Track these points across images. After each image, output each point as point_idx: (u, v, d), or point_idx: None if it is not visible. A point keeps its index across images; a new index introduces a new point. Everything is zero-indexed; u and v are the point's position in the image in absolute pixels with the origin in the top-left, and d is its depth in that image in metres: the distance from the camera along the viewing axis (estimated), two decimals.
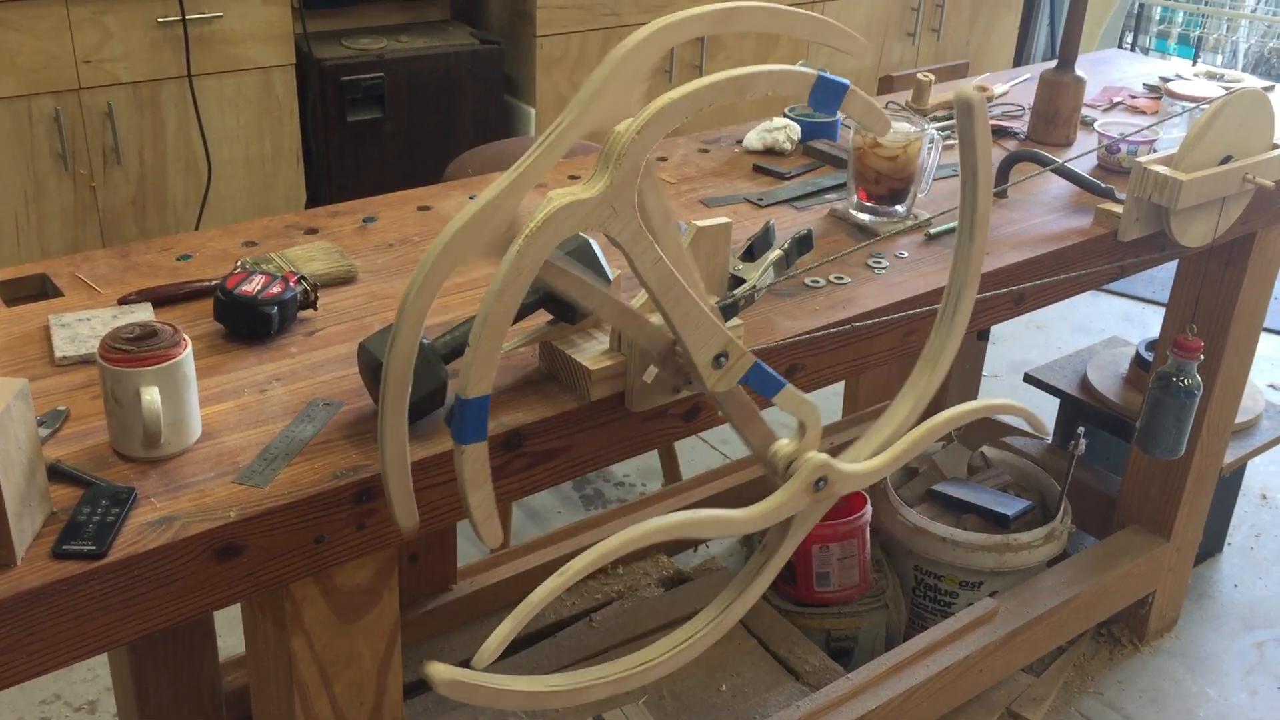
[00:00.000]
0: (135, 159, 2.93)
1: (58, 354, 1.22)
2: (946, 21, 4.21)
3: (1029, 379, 2.59)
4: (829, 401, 2.89)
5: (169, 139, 2.96)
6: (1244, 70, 5.59)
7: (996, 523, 2.23)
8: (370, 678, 1.20)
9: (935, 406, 2.35)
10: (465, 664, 2.00)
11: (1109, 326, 3.62)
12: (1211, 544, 2.60)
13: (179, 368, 1.07)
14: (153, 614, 1.00)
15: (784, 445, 1.16)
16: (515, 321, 1.23)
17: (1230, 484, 2.52)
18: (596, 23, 3.41)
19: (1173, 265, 2.09)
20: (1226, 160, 1.67)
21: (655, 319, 1.16)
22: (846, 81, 1.07)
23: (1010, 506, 2.25)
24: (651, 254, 1.03)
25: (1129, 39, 5.28)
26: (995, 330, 3.35)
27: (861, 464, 1.19)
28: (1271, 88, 2.26)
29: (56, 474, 1.05)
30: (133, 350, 1.06)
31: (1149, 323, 3.64)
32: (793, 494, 1.14)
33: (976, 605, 2.05)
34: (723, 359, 1.10)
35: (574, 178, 1.76)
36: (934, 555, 2.17)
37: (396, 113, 3.21)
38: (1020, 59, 4.65)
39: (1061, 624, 2.12)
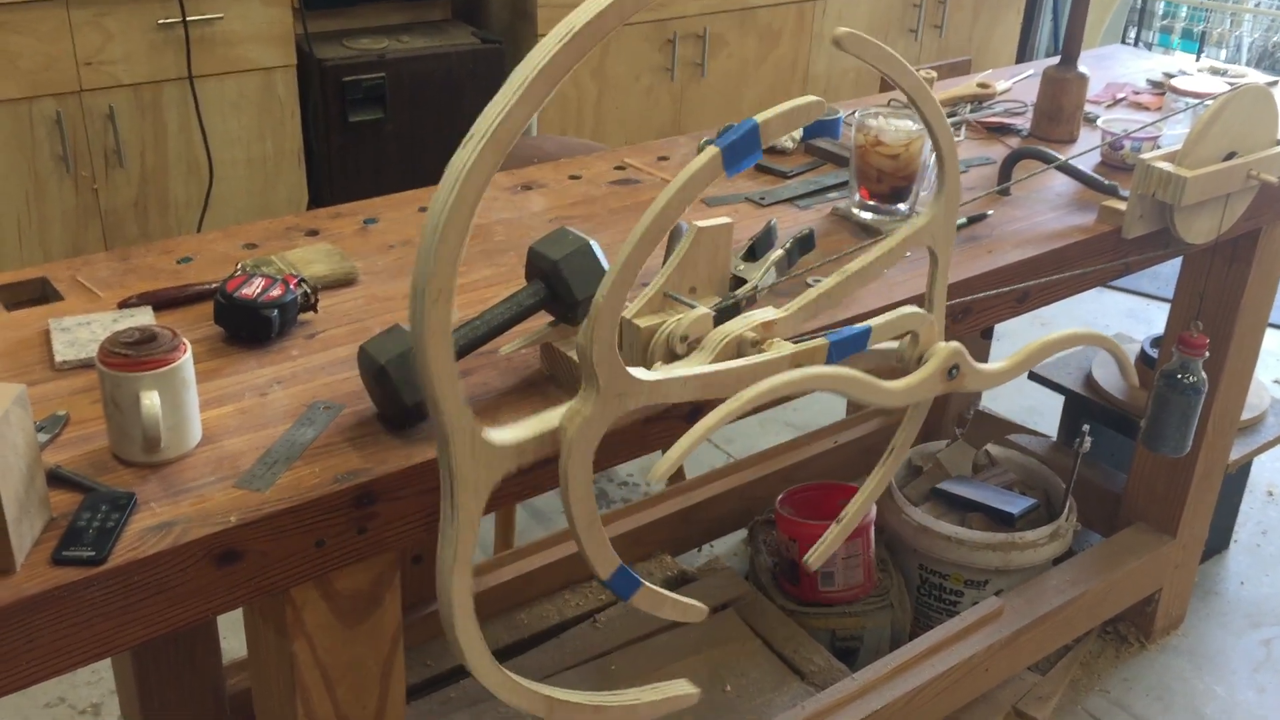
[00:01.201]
0: (137, 161, 2.93)
1: (57, 358, 1.21)
2: (949, 18, 4.20)
3: (1034, 376, 2.59)
4: (832, 401, 2.88)
5: (170, 141, 2.96)
6: (1248, 65, 5.58)
7: (1002, 521, 2.22)
8: (373, 681, 1.19)
9: (940, 401, 2.35)
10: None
11: (1114, 323, 3.61)
12: (1218, 541, 2.59)
13: (178, 372, 1.07)
14: (153, 620, 1.00)
15: (909, 342, 1.28)
16: (517, 323, 1.23)
17: (1236, 481, 2.51)
18: None
19: (1177, 261, 2.08)
20: (1230, 156, 1.67)
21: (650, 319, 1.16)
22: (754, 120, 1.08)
23: (1015, 505, 2.24)
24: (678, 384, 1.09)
25: (1132, 34, 5.26)
26: (1000, 328, 3.34)
27: (990, 365, 1.32)
28: (1275, 83, 2.25)
29: (56, 479, 1.05)
30: (132, 354, 1.05)
31: (1154, 319, 3.63)
32: (931, 374, 1.25)
33: (982, 604, 2.05)
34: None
35: (574, 177, 1.76)
36: (939, 554, 2.16)
37: (398, 113, 3.20)
38: (1023, 55, 4.64)
39: (1067, 622, 2.11)
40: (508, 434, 1.04)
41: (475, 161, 0.92)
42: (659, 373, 1.08)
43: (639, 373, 1.06)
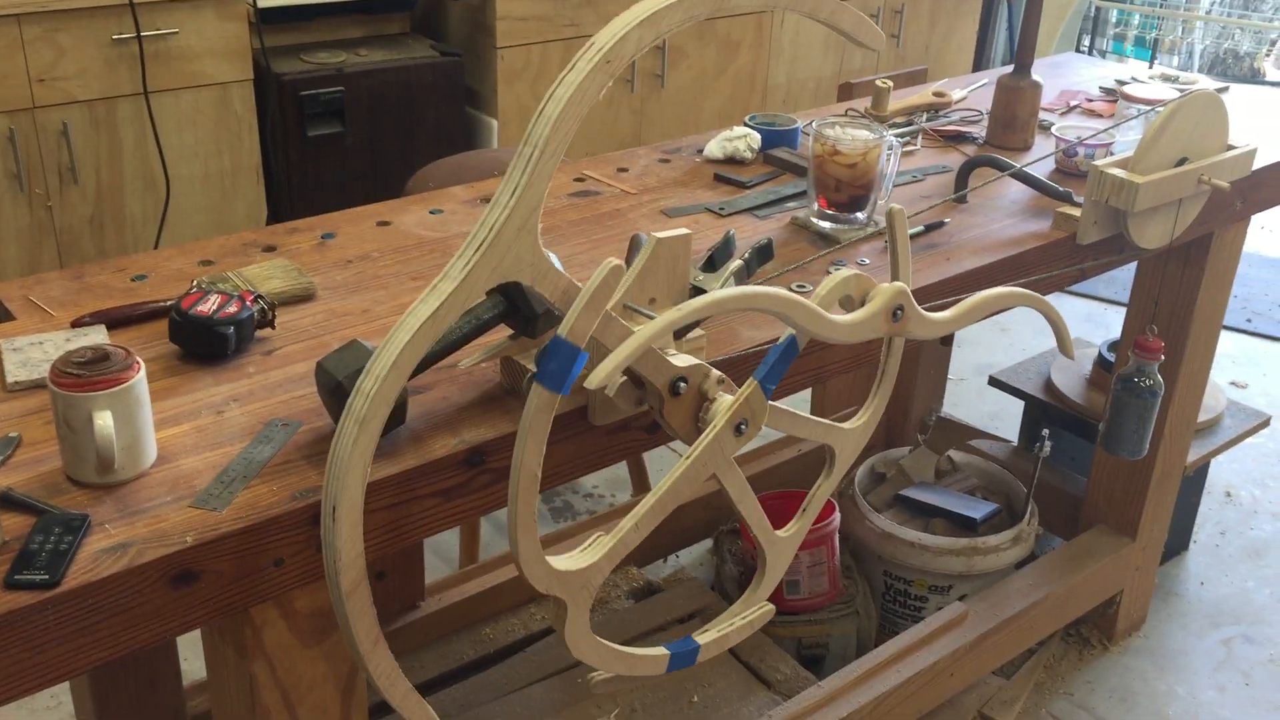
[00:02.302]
0: (92, 178, 2.90)
1: (9, 379, 1.19)
2: (906, 28, 4.24)
3: (994, 382, 2.61)
4: (796, 409, 2.89)
5: (126, 157, 2.93)
6: (1200, 71, 5.67)
7: (964, 526, 2.24)
8: (334, 701, 1.18)
9: (902, 408, 2.36)
10: (434, 682, 1.98)
11: (1072, 327, 3.64)
12: (1177, 542, 2.62)
13: (132, 391, 1.05)
14: (109, 643, 0.98)
15: (861, 276, 1.24)
16: (476, 337, 1.22)
17: (1194, 482, 2.54)
18: (557, 34, 3.41)
19: (1134, 266, 2.10)
20: (1182, 162, 1.69)
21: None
22: None
23: (977, 510, 2.26)
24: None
25: (1086, 42, 5.33)
26: (960, 334, 3.37)
27: (935, 314, 1.28)
28: (1226, 89, 2.29)
29: (8, 502, 1.03)
30: (84, 374, 1.04)
31: (1111, 323, 3.68)
32: (876, 312, 1.22)
33: (946, 609, 2.06)
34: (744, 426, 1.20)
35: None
36: (903, 560, 2.17)
37: (357, 126, 3.19)
38: (980, 64, 4.68)
39: (1031, 626, 2.13)
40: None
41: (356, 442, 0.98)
42: (578, 559, 1.12)
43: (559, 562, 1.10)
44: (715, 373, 1.17)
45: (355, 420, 0.99)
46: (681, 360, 1.15)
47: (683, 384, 1.15)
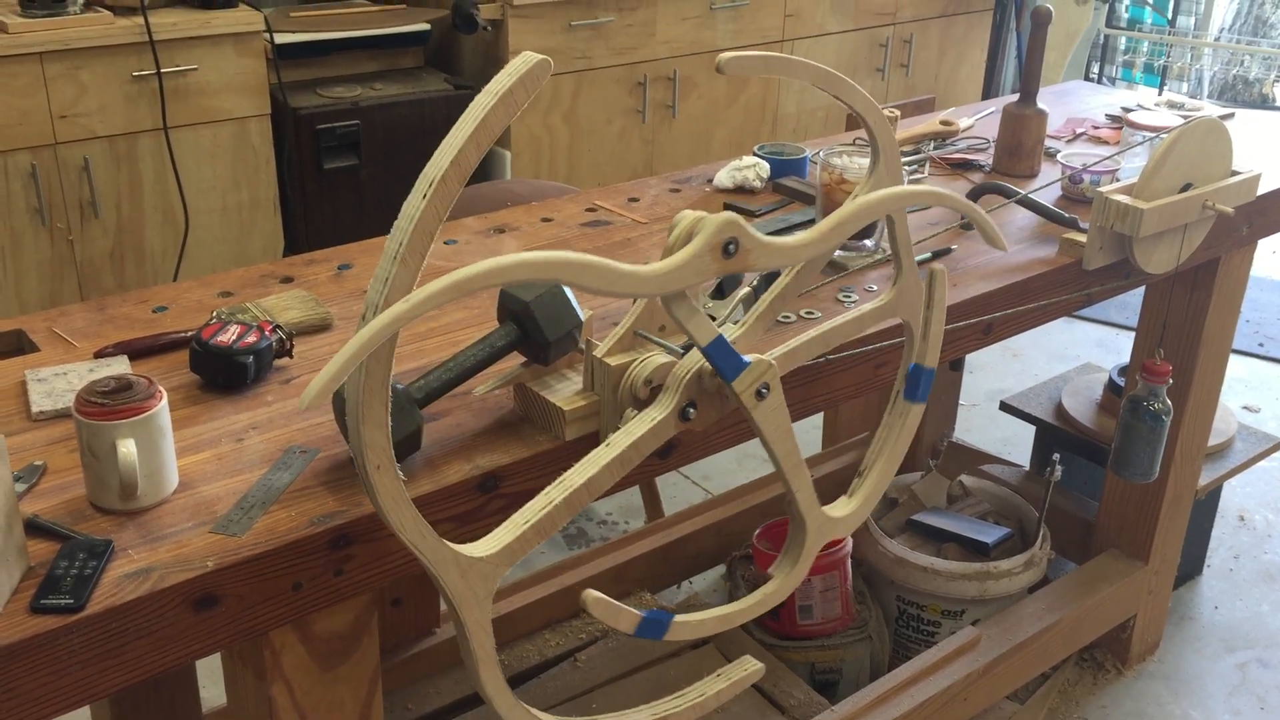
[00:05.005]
0: (112, 212, 2.95)
1: (34, 409, 1.22)
2: (915, 57, 4.27)
3: (1005, 407, 2.62)
4: (808, 434, 2.90)
5: (146, 191, 2.98)
6: (1210, 97, 5.69)
7: (977, 551, 2.24)
8: None
9: (915, 440, 2.37)
10: (449, 708, 2.00)
11: (1084, 353, 3.65)
12: (1191, 567, 2.61)
13: (154, 419, 1.08)
14: (132, 666, 1.01)
15: (694, 212, 1.09)
16: (490, 364, 1.25)
17: (1207, 506, 2.54)
18: (569, 66, 3.45)
19: (1143, 291, 2.12)
20: (1187, 188, 1.71)
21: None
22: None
23: (990, 534, 2.26)
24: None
25: (1095, 69, 5.36)
26: (971, 359, 3.39)
27: (786, 238, 1.11)
28: (1231, 115, 2.31)
29: (34, 528, 1.05)
30: (108, 403, 1.07)
31: (1122, 348, 3.68)
32: (697, 252, 1.03)
33: (959, 634, 2.06)
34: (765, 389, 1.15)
35: (546, 220, 1.78)
36: (915, 585, 2.18)
37: (372, 159, 3.23)
38: (989, 92, 4.71)
39: (1044, 650, 2.13)
40: (492, 543, 1.05)
41: (373, 334, 0.91)
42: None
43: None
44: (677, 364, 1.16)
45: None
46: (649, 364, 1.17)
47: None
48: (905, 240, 1.26)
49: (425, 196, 0.96)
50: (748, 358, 1.14)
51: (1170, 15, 5.36)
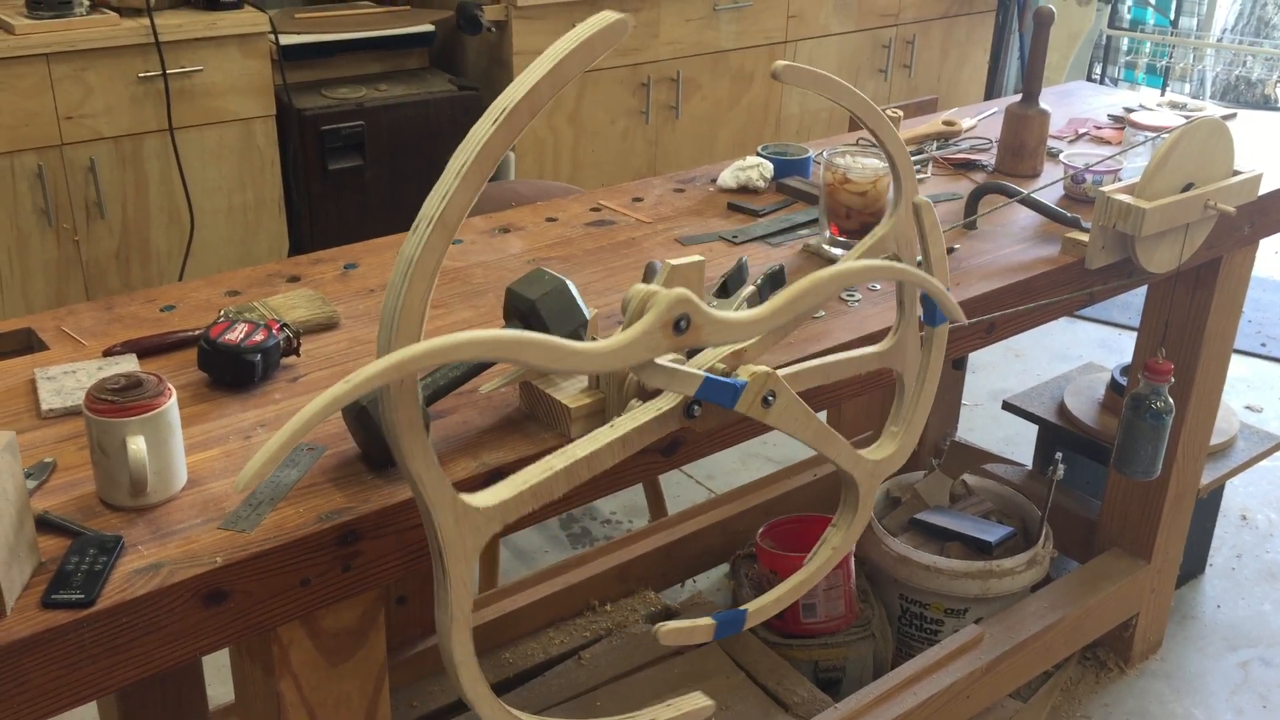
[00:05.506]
0: (118, 212, 2.96)
1: (44, 407, 1.23)
2: (917, 58, 4.28)
3: (1008, 406, 2.63)
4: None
5: (151, 192, 2.99)
6: (1212, 98, 5.69)
7: (979, 550, 2.25)
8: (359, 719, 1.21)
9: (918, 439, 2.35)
10: (453, 706, 2.00)
11: (1086, 353, 3.66)
12: (1193, 565, 2.62)
13: (164, 416, 1.09)
14: (141, 661, 1.01)
15: (645, 286, 1.08)
16: (496, 362, 1.25)
17: (1209, 505, 2.55)
18: None
19: (1145, 291, 2.13)
20: (1188, 188, 1.71)
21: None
22: None
23: (992, 533, 2.27)
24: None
25: (1098, 70, 5.37)
26: (974, 359, 3.39)
27: (737, 314, 1.09)
28: (1233, 115, 2.31)
29: (44, 525, 1.06)
30: (118, 400, 1.08)
31: (1125, 348, 3.69)
32: (647, 330, 1.02)
33: (962, 632, 2.07)
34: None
35: (551, 220, 1.79)
36: (919, 584, 2.19)
37: (377, 160, 3.24)
38: (991, 93, 4.72)
39: (1047, 649, 2.14)
40: (489, 496, 1.05)
41: (425, 246, 0.94)
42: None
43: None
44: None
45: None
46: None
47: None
48: (912, 296, 1.28)
49: (495, 123, 0.96)
50: (741, 379, 1.14)
51: (1172, 16, 5.37)
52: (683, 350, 1.12)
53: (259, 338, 1.29)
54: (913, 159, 2.01)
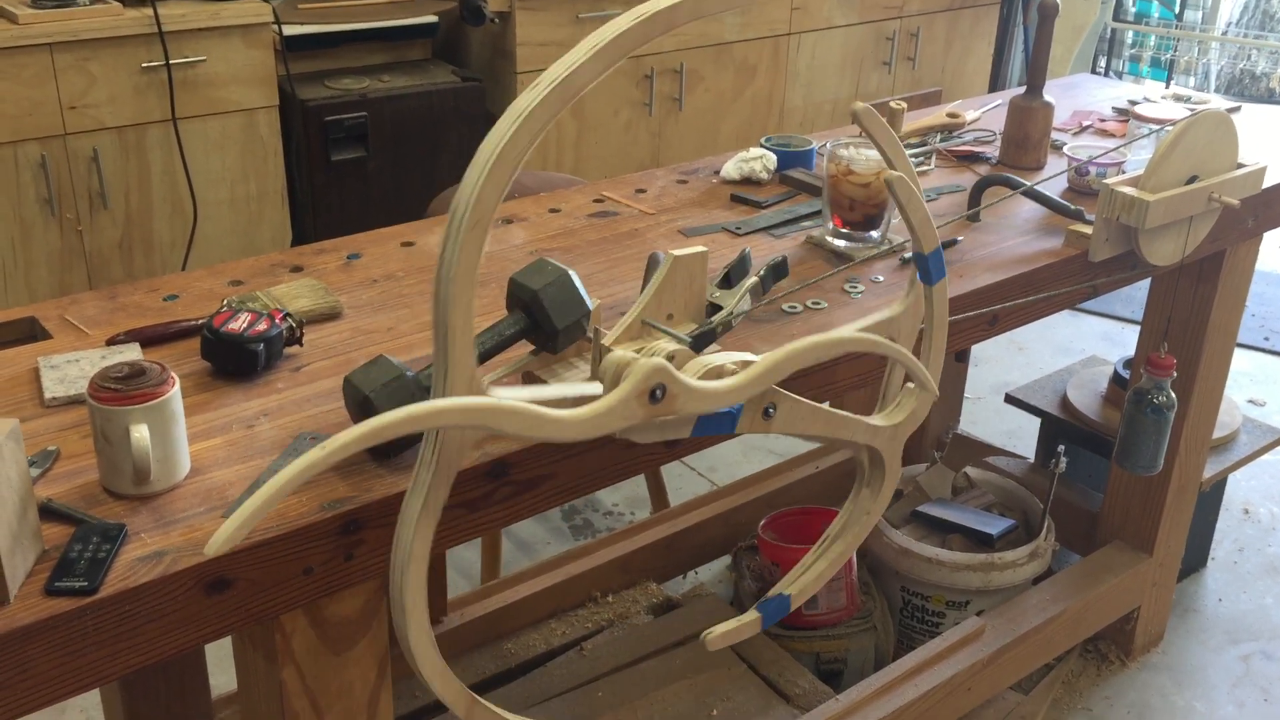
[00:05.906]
0: (121, 202, 2.96)
1: (47, 395, 1.23)
2: (921, 50, 4.27)
3: (1010, 399, 2.62)
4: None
5: (155, 182, 2.99)
6: (1217, 92, 5.68)
7: (981, 542, 2.25)
8: (361, 708, 1.21)
9: (919, 431, 2.38)
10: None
11: (1089, 346, 3.66)
12: (1195, 559, 2.62)
13: (167, 405, 1.09)
14: (145, 648, 1.02)
15: (621, 354, 1.07)
16: (499, 353, 1.26)
17: (1211, 499, 2.55)
18: None
19: (1150, 285, 2.12)
20: (1192, 180, 1.71)
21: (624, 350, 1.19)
22: None
23: (994, 526, 2.27)
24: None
25: (1102, 63, 5.36)
26: (976, 352, 3.39)
27: (713, 383, 1.08)
28: (1237, 108, 2.31)
29: (48, 513, 1.07)
30: (121, 389, 1.08)
31: (1128, 342, 3.68)
32: (623, 400, 1.02)
33: (963, 624, 2.07)
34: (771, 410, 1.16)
35: (554, 210, 1.79)
36: (920, 576, 2.19)
37: (380, 151, 3.24)
38: (995, 85, 4.71)
39: (1048, 641, 2.14)
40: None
41: (541, 102, 0.95)
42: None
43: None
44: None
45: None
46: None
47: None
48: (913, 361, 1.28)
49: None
50: (736, 405, 1.13)
51: (1177, 9, 5.36)
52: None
53: (262, 327, 1.29)
54: (916, 151, 2.01)
